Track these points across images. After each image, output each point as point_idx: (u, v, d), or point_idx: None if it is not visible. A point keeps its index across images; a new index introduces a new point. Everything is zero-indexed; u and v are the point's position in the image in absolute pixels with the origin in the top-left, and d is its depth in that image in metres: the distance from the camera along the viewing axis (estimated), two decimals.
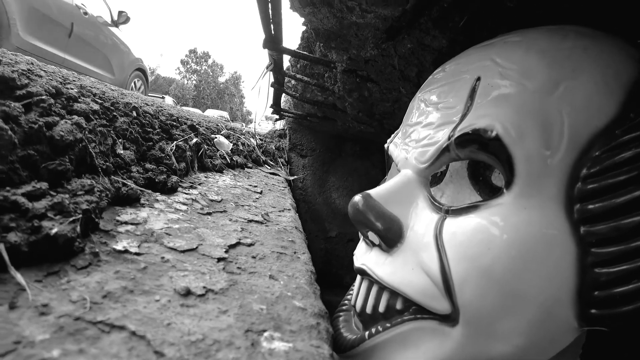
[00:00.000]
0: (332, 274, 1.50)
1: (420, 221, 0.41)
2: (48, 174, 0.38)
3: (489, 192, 0.39)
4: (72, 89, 0.51)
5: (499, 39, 0.44)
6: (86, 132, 0.45)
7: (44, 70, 0.52)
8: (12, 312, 0.25)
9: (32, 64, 0.51)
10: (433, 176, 0.45)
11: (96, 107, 0.52)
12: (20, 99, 0.41)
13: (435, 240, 0.38)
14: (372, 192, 0.44)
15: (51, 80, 0.48)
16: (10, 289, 0.27)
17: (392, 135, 0.55)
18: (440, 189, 0.43)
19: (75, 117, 0.45)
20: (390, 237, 0.42)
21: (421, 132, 0.45)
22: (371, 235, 0.44)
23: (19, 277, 0.27)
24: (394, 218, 0.42)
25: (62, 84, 0.51)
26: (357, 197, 0.44)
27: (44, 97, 0.42)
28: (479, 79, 0.41)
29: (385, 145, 0.55)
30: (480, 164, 0.40)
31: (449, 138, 0.40)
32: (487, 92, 0.39)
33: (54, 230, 0.31)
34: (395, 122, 1.03)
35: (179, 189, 0.57)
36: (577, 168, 0.34)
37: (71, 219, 0.33)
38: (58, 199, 0.34)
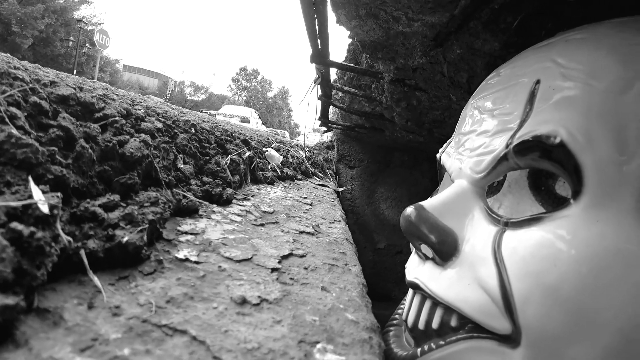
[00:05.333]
0: (380, 286, 1.46)
1: (476, 234, 0.39)
2: (120, 187, 0.42)
3: (553, 203, 0.36)
4: (139, 109, 0.56)
5: (559, 38, 0.41)
6: (151, 149, 0.49)
7: (117, 94, 0.58)
8: (90, 312, 0.28)
9: (107, 89, 0.57)
10: (489, 186, 0.42)
11: (160, 125, 0.56)
12: (98, 121, 0.45)
13: (493, 254, 0.36)
14: (425, 203, 0.43)
15: (122, 102, 0.54)
16: (88, 290, 0.30)
17: (445, 145, 0.53)
18: (498, 200, 0.41)
19: (143, 135, 0.49)
20: (445, 250, 0.40)
21: (476, 140, 0.43)
22: (424, 248, 0.42)
23: (95, 280, 0.30)
24: (449, 230, 0.41)
25: (132, 106, 0.56)
26: (410, 209, 0.43)
27: (117, 118, 0.47)
28: (538, 82, 0.38)
29: (438, 155, 0.53)
30: (543, 172, 0.37)
31: (507, 146, 0.37)
32: (548, 96, 0.37)
33: (125, 239, 0.34)
34: (445, 130, 1.00)
35: (234, 200, 0.60)
36: None
37: (139, 229, 0.36)
38: (128, 210, 0.37)
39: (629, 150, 0.31)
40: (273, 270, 0.41)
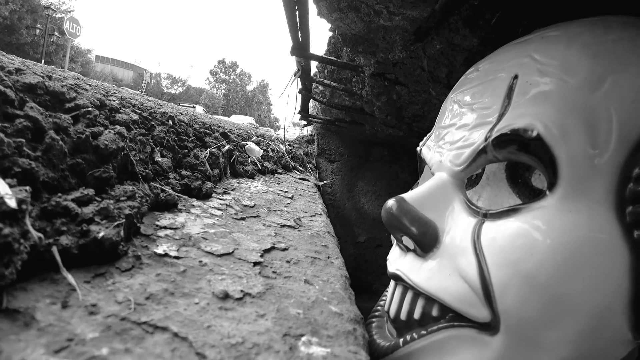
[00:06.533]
0: (361, 279, 1.48)
1: (456, 225, 0.40)
2: (94, 181, 0.41)
3: (529, 194, 0.37)
4: (113, 100, 0.54)
5: (536, 35, 0.42)
6: (127, 141, 0.47)
7: (89, 85, 0.55)
8: (65, 311, 0.26)
9: (78, 78, 0.54)
10: (469, 179, 0.43)
11: (136, 117, 0.54)
12: (69, 111, 0.43)
13: (473, 245, 0.37)
14: (406, 196, 0.43)
15: (95, 93, 0.51)
16: (62, 288, 0.28)
17: (425, 138, 0.54)
18: (477, 192, 0.42)
19: (118, 127, 0.47)
20: (426, 242, 0.41)
21: (455, 133, 0.44)
22: (405, 240, 0.43)
23: (70, 277, 0.29)
24: (430, 222, 0.41)
25: (105, 96, 0.53)
26: (391, 201, 0.43)
27: (90, 108, 0.45)
28: (516, 77, 0.39)
29: (418, 149, 0.54)
30: (520, 165, 0.39)
31: (486, 139, 0.38)
32: (525, 91, 0.38)
33: (101, 234, 0.32)
34: (425, 124, 1.01)
35: (213, 194, 0.59)
36: (628, 167, 0.32)
37: (115, 224, 0.35)
38: (104, 204, 0.36)
39: (601, 144, 0.32)
40: (255, 264, 0.40)
